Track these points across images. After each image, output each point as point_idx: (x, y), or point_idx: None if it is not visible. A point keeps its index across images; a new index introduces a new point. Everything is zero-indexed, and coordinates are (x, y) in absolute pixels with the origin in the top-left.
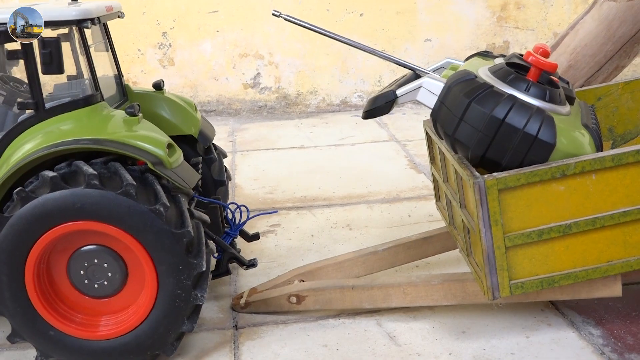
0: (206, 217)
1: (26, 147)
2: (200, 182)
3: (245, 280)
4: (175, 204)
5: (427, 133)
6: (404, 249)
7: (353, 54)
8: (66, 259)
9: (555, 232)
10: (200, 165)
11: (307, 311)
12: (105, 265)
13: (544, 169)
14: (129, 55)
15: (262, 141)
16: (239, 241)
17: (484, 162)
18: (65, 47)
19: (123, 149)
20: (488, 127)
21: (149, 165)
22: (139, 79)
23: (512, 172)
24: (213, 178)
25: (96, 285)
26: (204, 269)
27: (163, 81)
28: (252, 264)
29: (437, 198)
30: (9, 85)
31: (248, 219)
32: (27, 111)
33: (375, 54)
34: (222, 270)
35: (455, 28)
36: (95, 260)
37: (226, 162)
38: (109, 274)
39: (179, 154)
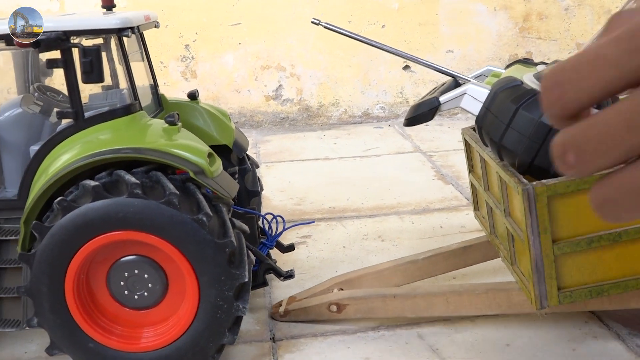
0: (246, 228)
1: (65, 156)
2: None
3: (280, 292)
4: (217, 214)
5: (465, 141)
6: (443, 258)
7: (375, 66)
8: (106, 269)
9: (605, 240)
10: (236, 176)
11: (347, 320)
12: (146, 276)
13: (594, 176)
14: None
15: (285, 153)
16: (273, 252)
17: (532, 170)
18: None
19: (164, 158)
20: (536, 134)
21: (191, 174)
22: (162, 92)
23: (561, 179)
24: (247, 189)
25: (136, 297)
26: (246, 280)
27: (197, 91)
28: (289, 275)
29: (476, 207)
30: (46, 95)
31: (285, 229)
32: (64, 121)
33: (417, 61)
34: (259, 282)
35: (477, 39)
36: (136, 271)
37: None
38: (150, 285)
39: (219, 164)
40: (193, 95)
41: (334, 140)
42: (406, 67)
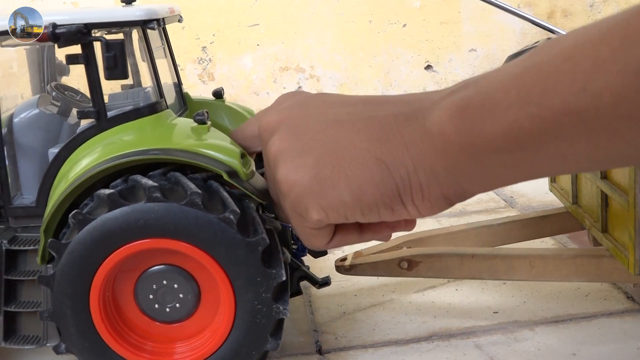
0: (277, 224)
1: (87, 160)
2: None
3: (321, 302)
4: (245, 211)
5: None
6: (520, 226)
7: (396, 66)
8: (133, 284)
9: None
10: (264, 176)
11: (417, 277)
12: (176, 286)
13: None
14: None
15: None
16: (306, 259)
17: None
18: None
19: (194, 159)
20: None
21: (225, 176)
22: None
23: None
24: None
25: (167, 309)
26: (283, 279)
27: (223, 89)
28: (325, 282)
29: (552, 179)
30: (64, 94)
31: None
32: (84, 122)
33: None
34: (293, 290)
35: (501, 37)
36: (165, 282)
37: None
38: (181, 295)
39: (252, 165)
40: (219, 94)
41: None
42: (428, 67)
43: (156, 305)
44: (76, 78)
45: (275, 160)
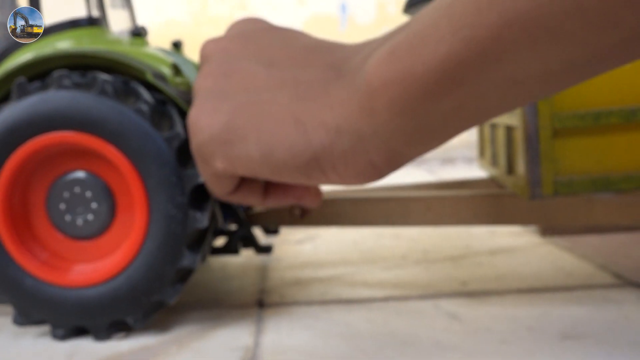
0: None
1: (13, 63)
2: None
3: (275, 273)
4: (163, 109)
5: None
6: (437, 188)
7: None
8: (44, 193)
9: (617, 118)
10: None
11: (309, 225)
12: (89, 194)
13: None
14: None
15: None
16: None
17: None
18: None
19: (120, 59)
20: None
21: (148, 76)
22: None
23: None
24: None
25: (79, 222)
26: (200, 181)
27: (182, 41)
28: (266, 248)
29: (481, 154)
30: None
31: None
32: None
33: None
34: (230, 248)
35: None
36: (77, 190)
37: None
38: (93, 206)
39: (186, 80)
40: (177, 44)
41: None
42: None
43: (67, 217)
44: None
45: (195, 95)
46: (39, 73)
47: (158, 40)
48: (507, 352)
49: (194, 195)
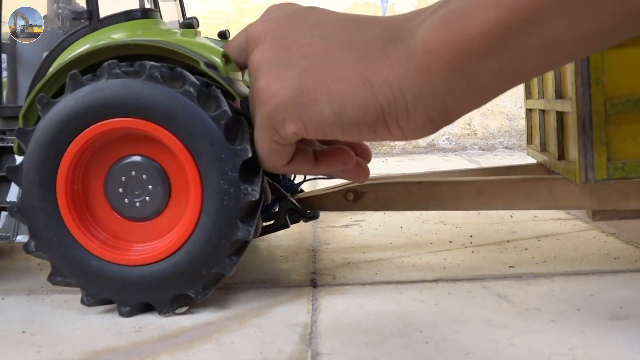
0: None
1: (70, 55)
2: None
3: (326, 254)
4: (209, 90)
5: None
6: (485, 174)
7: None
8: (102, 179)
9: None
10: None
11: (364, 210)
12: (144, 177)
13: None
14: None
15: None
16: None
17: None
18: None
19: (173, 47)
20: None
21: (201, 65)
22: None
23: None
24: None
25: (137, 204)
26: (249, 155)
27: (229, 31)
28: (312, 215)
29: (530, 141)
30: (69, 12)
31: (304, 180)
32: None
33: None
34: (280, 223)
35: None
36: (133, 173)
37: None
38: (150, 187)
39: (237, 70)
40: (224, 35)
41: (397, 163)
42: None
43: (126, 200)
44: None
45: (258, 69)
46: (96, 64)
47: (204, 29)
48: (557, 331)
49: (244, 169)
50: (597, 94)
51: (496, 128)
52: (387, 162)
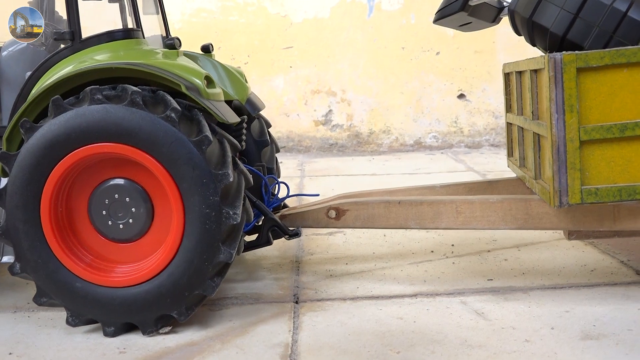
0: (248, 175)
1: (53, 77)
2: (244, 146)
3: (309, 267)
4: (191, 115)
5: (506, 76)
6: (465, 190)
7: (428, 93)
8: (86, 200)
9: None
10: (244, 131)
11: (345, 228)
12: (127, 199)
13: (632, 49)
14: None
15: (332, 170)
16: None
17: (564, 46)
18: None
19: (153, 70)
20: (571, 3)
21: (183, 89)
22: None
23: (595, 50)
24: (254, 139)
25: (121, 226)
26: (230, 180)
27: (212, 45)
28: (295, 233)
29: (510, 153)
30: (52, 27)
31: (288, 196)
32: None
33: None
34: (263, 240)
35: None
36: (116, 196)
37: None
38: (133, 210)
39: (218, 90)
40: (207, 49)
41: (383, 162)
42: (461, 96)
43: (109, 222)
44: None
45: None
46: (78, 86)
47: (189, 27)
48: (531, 352)
49: (226, 193)
50: (571, 121)
51: (482, 126)
52: (374, 162)
